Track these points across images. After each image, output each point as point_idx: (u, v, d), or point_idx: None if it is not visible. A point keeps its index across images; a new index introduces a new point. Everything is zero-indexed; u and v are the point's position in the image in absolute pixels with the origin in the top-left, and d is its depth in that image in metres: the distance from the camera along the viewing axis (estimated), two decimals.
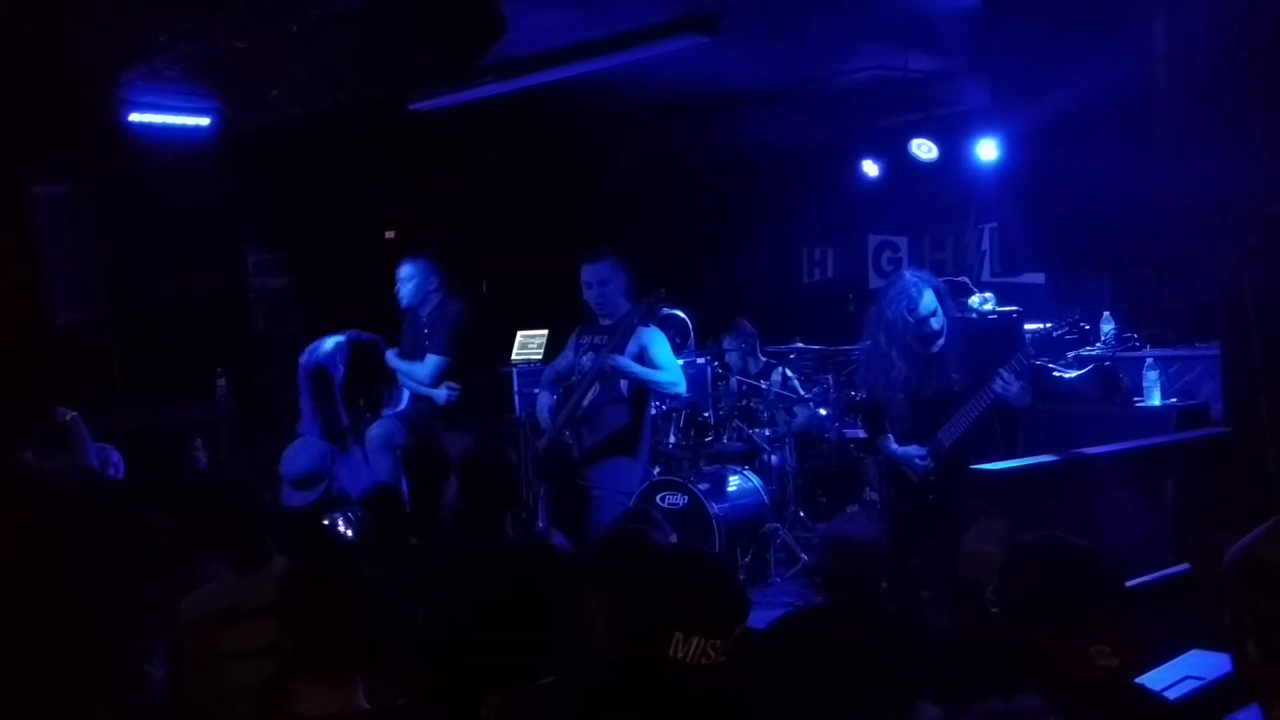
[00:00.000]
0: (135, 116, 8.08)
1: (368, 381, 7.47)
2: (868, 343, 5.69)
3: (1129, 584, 4.73)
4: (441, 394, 6.79)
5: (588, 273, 6.11)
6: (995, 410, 5.33)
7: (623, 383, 6.02)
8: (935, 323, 5.42)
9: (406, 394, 7.20)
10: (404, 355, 7.06)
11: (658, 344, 6.06)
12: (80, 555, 3.64)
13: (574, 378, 6.20)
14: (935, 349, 5.48)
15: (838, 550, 3.82)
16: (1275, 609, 2.02)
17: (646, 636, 2.56)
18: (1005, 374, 5.20)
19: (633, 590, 2.73)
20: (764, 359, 8.53)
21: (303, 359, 7.22)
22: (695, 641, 2.50)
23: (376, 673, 2.70)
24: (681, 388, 6.33)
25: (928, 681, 3.27)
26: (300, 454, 5.29)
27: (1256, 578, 2.07)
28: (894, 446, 5.56)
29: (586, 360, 6.12)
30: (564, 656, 3.20)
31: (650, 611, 2.59)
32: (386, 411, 7.20)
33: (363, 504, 5.24)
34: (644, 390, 6.13)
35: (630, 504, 6.25)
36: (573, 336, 6.38)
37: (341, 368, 7.19)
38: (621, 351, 5.92)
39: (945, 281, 5.81)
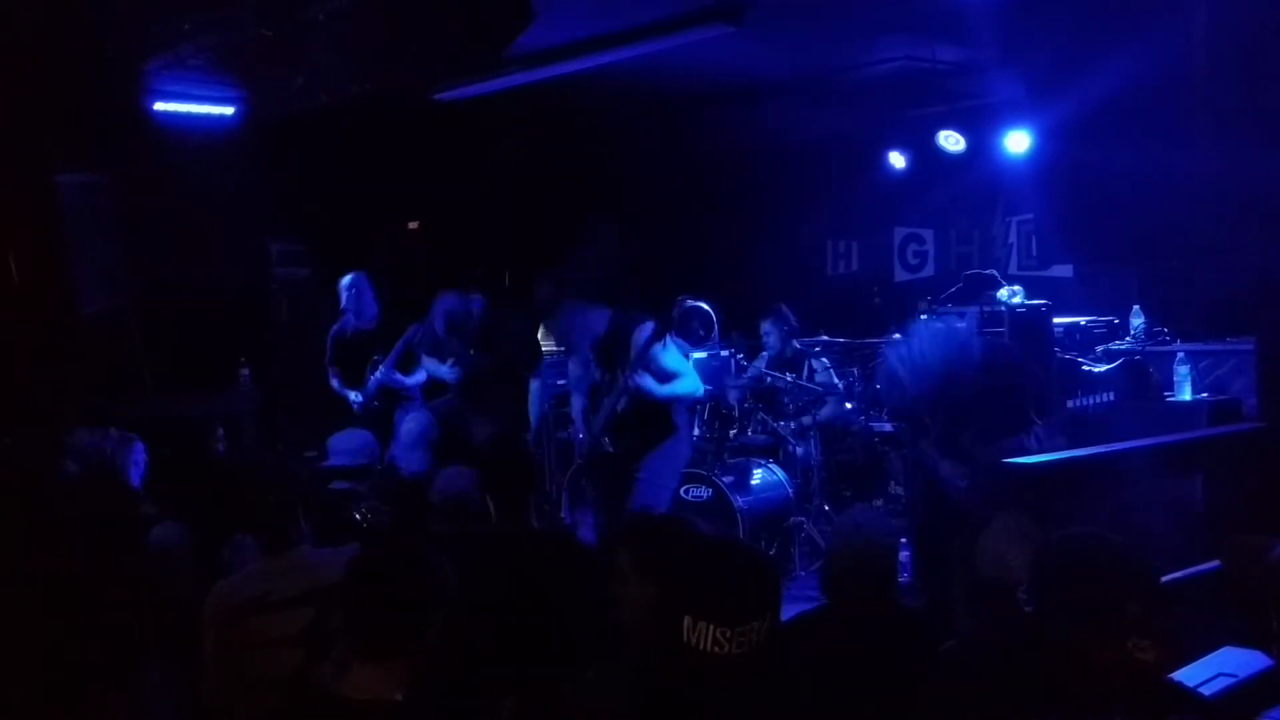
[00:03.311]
0: (160, 105, 8.07)
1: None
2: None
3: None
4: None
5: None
6: None
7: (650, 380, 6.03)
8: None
9: (422, 378, 7.27)
10: (432, 353, 7.11)
11: (664, 355, 6.07)
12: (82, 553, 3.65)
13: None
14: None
15: (846, 548, 3.77)
16: None
17: (661, 621, 2.54)
18: (1039, 434, 5.22)
19: (651, 574, 2.71)
20: (798, 345, 8.48)
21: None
22: (705, 628, 2.48)
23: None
24: (699, 393, 6.41)
25: (953, 682, 3.24)
26: (351, 435, 5.36)
27: None
28: (938, 465, 5.57)
29: (595, 373, 6.16)
30: (586, 648, 3.17)
31: (664, 595, 2.57)
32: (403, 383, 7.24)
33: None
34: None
35: (677, 485, 6.31)
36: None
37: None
38: (637, 367, 5.94)
39: (972, 274, 5.77)
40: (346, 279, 7.69)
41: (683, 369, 6.09)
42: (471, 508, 4.37)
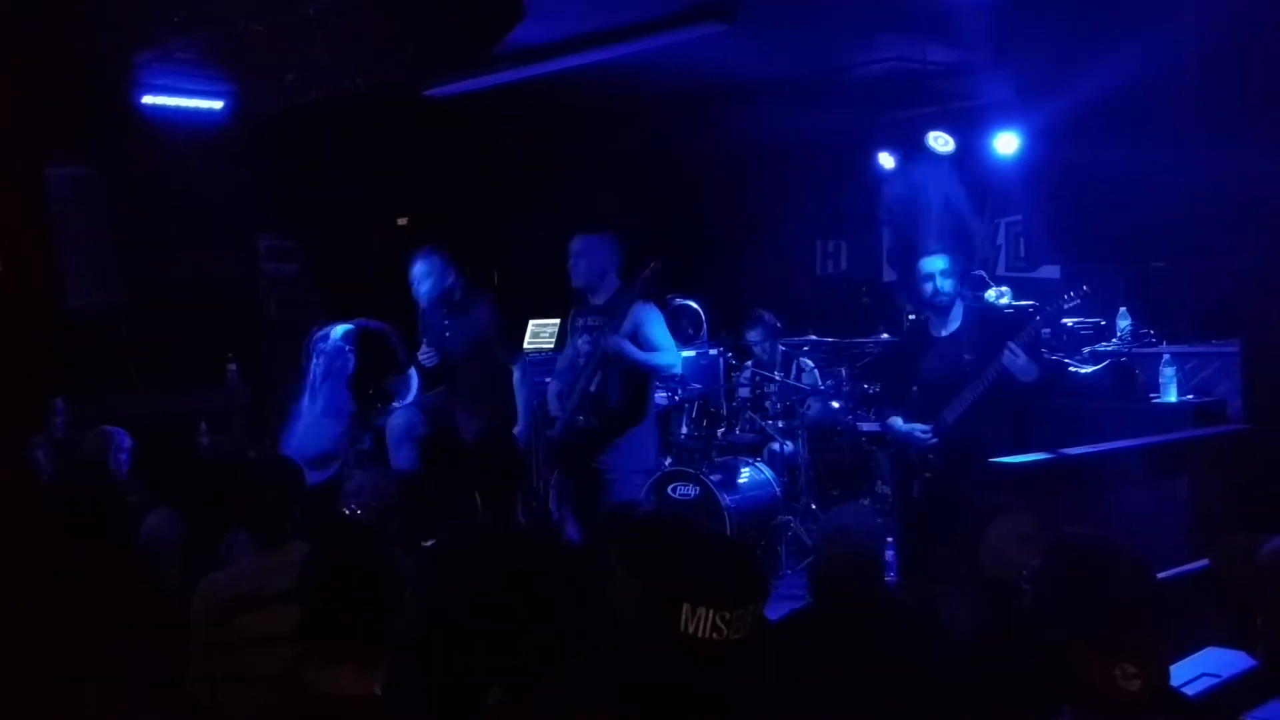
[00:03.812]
0: (148, 99, 8.04)
1: (378, 372, 7.41)
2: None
3: None
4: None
5: (571, 245, 6.13)
6: (1004, 392, 5.32)
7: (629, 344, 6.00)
8: (941, 284, 5.42)
9: (415, 383, 7.17)
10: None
11: (652, 322, 6.02)
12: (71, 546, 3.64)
13: (577, 361, 6.17)
14: (949, 330, 5.48)
15: (833, 545, 3.79)
16: None
17: (658, 611, 2.56)
18: (1012, 345, 5.19)
19: (643, 565, 2.73)
20: (783, 348, 8.51)
21: (316, 340, 7.14)
22: (704, 613, 2.50)
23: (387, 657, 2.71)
24: (678, 368, 6.38)
25: (943, 680, 3.25)
26: (313, 434, 5.28)
27: None
28: (898, 425, 5.57)
29: (583, 342, 6.10)
30: (571, 643, 3.18)
31: (660, 584, 2.59)
32: (397, 403, 7.16)
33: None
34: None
35: (648, 482, 6.26)
36: (569, 321, 6.38)
37: (352, 358, 7.12)
38: (618, 331, 5.90)
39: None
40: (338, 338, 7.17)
41: (667, 344, 6.06)
42: (386, 507, 4.36)
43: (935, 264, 5.45)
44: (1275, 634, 2.08)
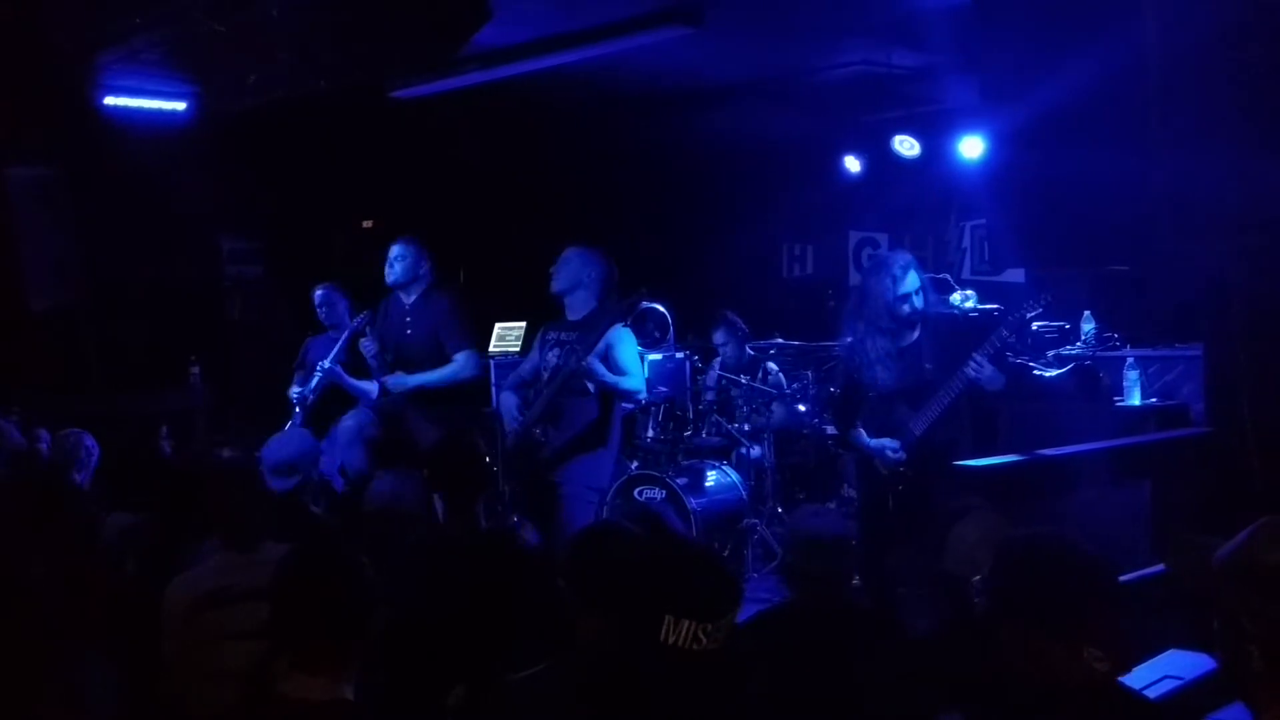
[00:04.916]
0: (111, 100, 7.96)
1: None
2: (849, 339, 5.64)
3: None
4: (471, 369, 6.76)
5: (564, 252, 6.13)
6: (969, 399, 5.30)
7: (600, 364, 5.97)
8: (917, 301, 5.38)
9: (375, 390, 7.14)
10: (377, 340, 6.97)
11: (624, 345, 5.99)
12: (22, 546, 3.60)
13: (542, 374, 6.14)
14: (910, 340, 5.46)
15: (803, 548, 3.78)
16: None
17: (637, 623, 2.56)
18: (977, 357, 5.16)
19: (621, 579, 2.72)
20: (751, 352, 8.52)
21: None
22: (686, 625, 2.52)
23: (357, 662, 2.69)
24: (643, 395, 6.36)
25: (905, 681, 3.26)
26: (285, 443, 5.22)
27: (1259, 582, 2.01)
28: (865, 439, 5.52)
29: (553, 356, 6.07)
30: (531, 648, 3.17)
31: (640, 597, 2.59)
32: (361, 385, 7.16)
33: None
34: None
35: (605, 500, 6.23)
36: (539, 334, 6.33)
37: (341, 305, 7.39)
38: (592, 349, 5.87)
39: (927, 278, 5.78)
40: (317, 293, 7.47)
41: (635, 369, 6.06)
42: (405, 511, 4.33)
43: (912, 283, 5.41)
44: (1229, 637, 2.09)
